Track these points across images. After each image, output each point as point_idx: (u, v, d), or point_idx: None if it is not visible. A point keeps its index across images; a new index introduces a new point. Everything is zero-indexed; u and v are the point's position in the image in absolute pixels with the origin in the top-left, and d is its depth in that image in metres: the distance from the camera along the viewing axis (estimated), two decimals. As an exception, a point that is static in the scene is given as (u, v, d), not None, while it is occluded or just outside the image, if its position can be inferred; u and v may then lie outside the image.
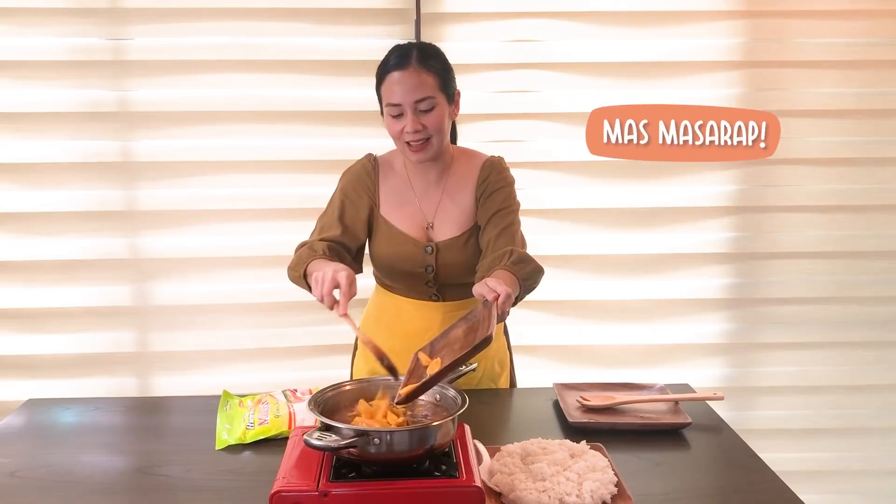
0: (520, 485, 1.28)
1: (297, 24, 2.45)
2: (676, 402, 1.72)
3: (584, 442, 1.45)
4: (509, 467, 1.34)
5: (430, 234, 1.80)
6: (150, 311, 2.59)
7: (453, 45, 2.48)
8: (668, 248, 2.63)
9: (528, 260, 1.65)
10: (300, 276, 1.69)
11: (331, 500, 1.13)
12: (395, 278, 1.85)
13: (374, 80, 2.47)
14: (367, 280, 2.50)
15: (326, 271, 1.51)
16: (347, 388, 1.37)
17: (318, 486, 1.14)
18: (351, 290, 1.50)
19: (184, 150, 2.50)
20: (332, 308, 1.50)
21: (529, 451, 1.40)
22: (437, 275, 1.79)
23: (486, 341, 1.25)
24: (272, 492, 1.13)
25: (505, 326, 1.99)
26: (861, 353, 2.70)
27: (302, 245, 1.80)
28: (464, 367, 1.47)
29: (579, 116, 2.55)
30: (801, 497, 1.34)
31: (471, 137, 2.45)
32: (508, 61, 2.52)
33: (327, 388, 1.35)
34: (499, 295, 1.42)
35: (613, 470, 1.35)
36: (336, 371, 2.57)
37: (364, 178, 1.83)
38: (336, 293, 1.51)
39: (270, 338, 2.61)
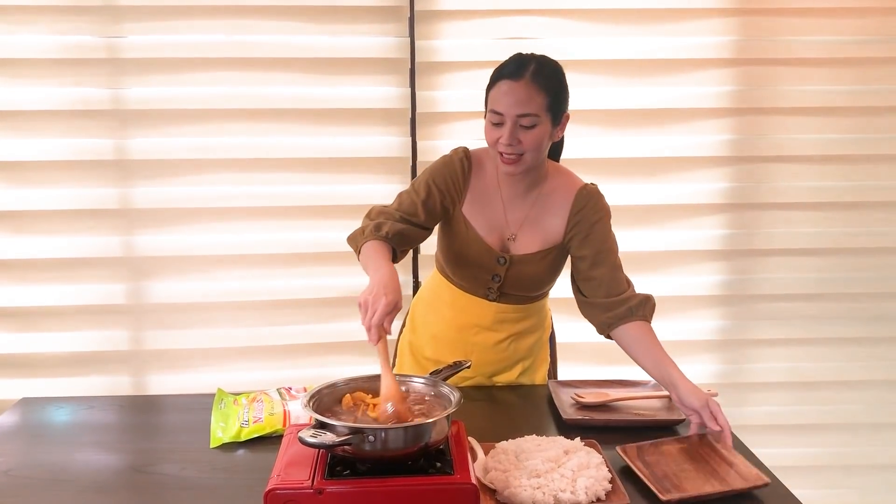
0: (514, 482, 1.29)
1: (291, 22, 2.45)
2: (670, 398, 1.72)
3: (578, 439, 1.46)
4: (504, 464, 1.35)
5: (509, 245, 1.77)
6: (144, 310, 2.58)
7: (447, 43, 2.49)
8: (661, 245, 2.64)
9: (650, 300, 1.71)
10: (356, 249, 1.69)
11: (325, 498, 1.13)
12: (459, 275, 1.82)
13: (367, 78, 2.50)
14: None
15: (369, 299, 1.41)
16: (342, 385, 1.37)
17: (312, 483, 1.14)
18: (389, 318, 1.41)
19: (178, 147, 2.49)
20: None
21: (524, 448, 1.41)
22: (502, 284, 1.78)
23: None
24: (267, 490, 1.13)
25: (552, 329, 2.02)
26: (853, 349, 2.72)
27: (378, 212, 1.74)
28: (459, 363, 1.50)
29: (572, 114, 2.56)
30: (794, 492, 1.35)
31: (466, 135, 2.45)
32: (502, 59, 2.51)
33: (322, 385, 1.35)
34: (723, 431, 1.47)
35: (608, 466, 1.36)
36: (331, 369, 2.59)
37: (456, 172, 1.76)
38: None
39: (265, 336, 2.61)
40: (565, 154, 2.54)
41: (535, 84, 1.59)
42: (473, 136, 2.48)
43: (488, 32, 2.50)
